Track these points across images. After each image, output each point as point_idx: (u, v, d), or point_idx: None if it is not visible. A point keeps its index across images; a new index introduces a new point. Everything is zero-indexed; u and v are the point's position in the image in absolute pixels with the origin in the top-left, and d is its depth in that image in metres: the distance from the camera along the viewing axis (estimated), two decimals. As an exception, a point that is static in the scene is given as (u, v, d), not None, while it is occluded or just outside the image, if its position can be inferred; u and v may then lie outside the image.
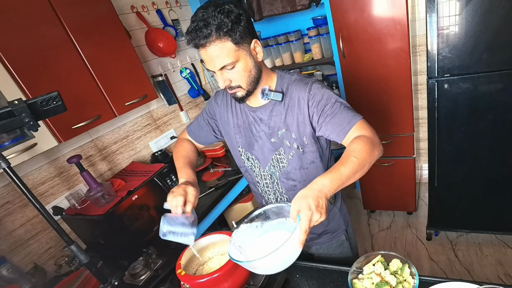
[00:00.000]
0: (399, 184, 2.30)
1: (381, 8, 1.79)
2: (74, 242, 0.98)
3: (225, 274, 0.83)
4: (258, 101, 1.01)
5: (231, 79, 0.90)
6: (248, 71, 0.90)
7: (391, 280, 0.82)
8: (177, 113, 2.24)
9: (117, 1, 1.74)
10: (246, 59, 0.89)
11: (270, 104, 1.00)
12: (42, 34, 1.23)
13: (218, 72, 0.89)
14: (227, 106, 1.12)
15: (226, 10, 0.82)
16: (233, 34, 0.83)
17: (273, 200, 1.16)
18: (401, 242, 2.31)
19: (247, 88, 0.93)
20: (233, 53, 0.85)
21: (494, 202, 1.88)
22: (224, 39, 0.83)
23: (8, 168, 0.85)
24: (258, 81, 0.95)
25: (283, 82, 1.00)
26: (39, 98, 0.86)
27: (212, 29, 0.81)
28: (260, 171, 1.12)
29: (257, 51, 0.91)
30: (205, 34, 0.81)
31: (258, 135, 1.05)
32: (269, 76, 1.00)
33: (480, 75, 1.56)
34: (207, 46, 0.83)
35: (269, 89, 0.98)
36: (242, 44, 0.86)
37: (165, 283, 1.13)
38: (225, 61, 0.85)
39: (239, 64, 0.88)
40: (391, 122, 2.12)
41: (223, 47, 0.83)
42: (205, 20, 0.81)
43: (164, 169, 1.67)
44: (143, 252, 1.33)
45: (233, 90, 0.93)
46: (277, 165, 1.06)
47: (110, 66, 1.48)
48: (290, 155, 1.03)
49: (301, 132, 0.98)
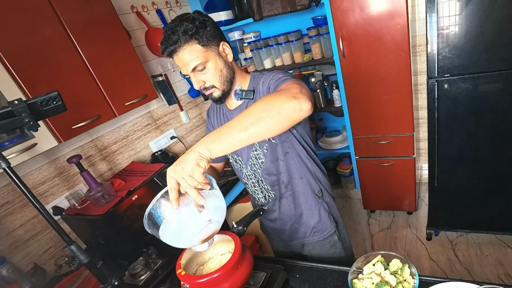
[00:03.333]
0: (399, 184, 2.30)
1: (381, 8, 1.79)
2: (74, 242, 0.98)
3: (225, 274, 0.83)
4: (234, 103, 1.07)
5: (204, 80, 0.95)
6: (219, 70, 0.95)
7: (391, 280, 0.82)
8: (177, 113, 2.24)
9: (117, 1, 1.74)
10: (216, 59, 0.94)
11: (244, 104, 1.05)
12: (42, 34, 1.23)
13: (191, 74, 0.94)
14: (214, 115, 1.18)
15: (190, 18, 0.90)
16: (199, 37, 0.90)
17: (263, 200, 1.18)
18: (401, 242, 2.31)
19: (222, 88, 0.98)
20: (202, 54, 0.91)
21: (494, 202, 1.88)
22: (191, 42, 0.89)
23: (8, 168, 0.85)
24: (231, 81, 1.00)
25: (255, 81, 1.04)
26: (39, 98, 0.86)
27: (179, 35, 0.88)
28: (245, 172, 1.14)
29: (226, 52, 0.97)
30: (173, 40, 0.88)
31: None
32: (243, 77, 1.05)
33: (480, 75, 1.56)
34: (178, 52, 0.90)
35: (240, 89, 1.03)
36: (209, 46, 0.92)
37: (165, 283, 1.13)
38: (195, 62, 0.91)
39: (209, 64, 0.93)
40: (391, 122, 2.12)
41: (192, 49, 0.90)
42: (172, 29, 0.89)
43: (164, 169, 1.67)
44: (143, 252, 1.33)
45: (208, 90, 0.98)
46: (257, 162, 1.09)
47: (110, 66, 1.48)
48: (265, 149, 1.05)
49: None
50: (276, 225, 1.22)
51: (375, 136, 2.20)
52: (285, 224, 1.20)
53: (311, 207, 1.15)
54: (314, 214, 1.15)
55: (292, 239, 1.23)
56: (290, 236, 1.22)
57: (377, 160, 2.28)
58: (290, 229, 1.20)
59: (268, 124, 0.72)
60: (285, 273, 1.01)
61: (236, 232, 0.99)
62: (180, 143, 2.24)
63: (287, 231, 1.21)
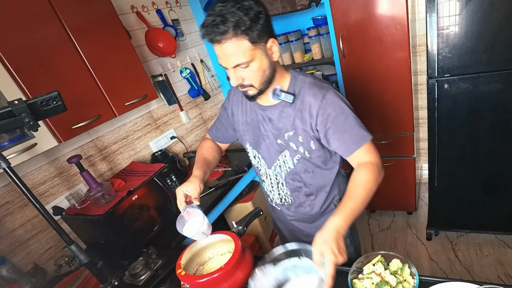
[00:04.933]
0: (399, 184, 2.30)
1: (381, 8, 1.79)
2: (74, 242, 0.98)
3: (225, 274, 0.83)
4: (268, 100, 0.99)
5: (244, 78, 0.88)
6: (262, 71, 0.88)
7: (391, 280, 0.82)
8: (177, 113, 2.24)
9: (117, 1, 1.74)
10: (262, 58, 0.86)
11: (280, 105, 0.98)
12: (42, 34, 1.23)
13: (232, 69, 0.86)
14: (237, 103, 1.11)
15: (245, 7, 0.78)
16: (251, 32, 0.80)
17: (278, 201, 1.16)
18: (401, 242, 2.31)
19: (259, 88, 0.91)
20: (249, 52, 0.82)
21: (494, 202, 1.88)
22: (241, 37, 0.80)
23: (8, 168, 0.85)
24: (271, 81, 0.92)
25: (296, 83, 0.97)
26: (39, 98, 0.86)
27: (229, 26, 0.78)
28: (265, 171, 1.11)
29: (273, 50, 0.88)
30: (221, 30, 0.78)
31: (266, 134, 1.04)
32: (282, 75, 0.97)
33: (480, 75, 1.56)
34: (223, 43, 0.80)
35: (280, 89, 0.95)
36: (258, 43, 0.83)
37: (165, 283, 1.13)
38: (240, 59, 0.83)
39: (254, 64, 0.85)
40: (391, 122, 2.12)
41: (239, 45, 0.81)
42: (223, 16, 0.78)
43: (164, 169, 1.67)
44: (143, 252, 1.33)
45: (244, 88, 0.91)
46: (283, 166, 1.05)
47: (110, 66, 1.47)
48: (296, 159, 1.01)
49: (308, 137, 0.97)
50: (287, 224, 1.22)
51: (375, 136, 2.17)
52: (296, 227, 1.19)
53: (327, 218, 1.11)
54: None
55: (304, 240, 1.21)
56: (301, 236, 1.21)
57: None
58: (301, 231, 1.20)
59: (371, 198, 0.88)
60: (285, 273, 1.01)
61: (236, 232, 0.99)
62: (180, 143, 2.24)
63: (297, 231, 1.21)
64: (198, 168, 1.08)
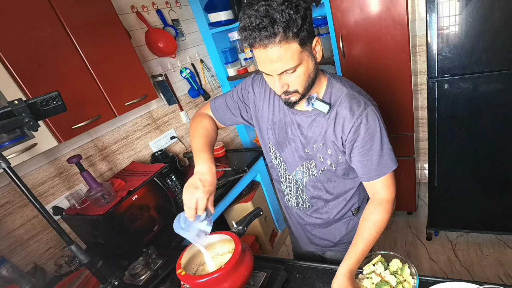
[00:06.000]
0: (399, 184, 2.27)
1: (381, 8, 1.79)
2: (74, 242, 0.98)
3: (225, 274, 0.83)
4: (301, 104, 0.90)
5: (289, 83, 0.79)
6: (307, 74, 0.80)
7: (391, 280, 0.82)
8: (177, 113, 2.24)
9: (117, 1, 1.74)
10: (308, 61, 0.78)
11: (313, 113, 0.91)
12: (42, 34, 1.23)
13: (276, 76, 0.77)
14: (264, 97, 1.01)
15: (294, 4, 0.68)
16: (301, 33, 0.70)
17: (294, 204, 1.13)
18: (401, 242, 2.31)
19: (303, 93, 0.83)
20: (297, 55, 0.73)
21: (494, 202, 1.88)
22: (291, 40, 0.70)
23: (8, 168, 0.85)
24: (314, 83, 0.84)
25: (332, 92, 0.90)
26: (39, 98, 0.86)
27: (279, 29, 0.68)
28: (285, 174, 1.07)
29: (317, 50, 0.80)
30: (270, 33, 0.68)
31: (293, 139, 0.98)
32: (319, 79, 0.88)
33: (480, 75, 1.56)
34: (269, 47, 0.70)
35: (317, 97, 0.88)
36: (306, 44, 0.74)
37: (165, 283, 1.13)
38: (288, 65, 0.74)
39: (301, 68, 0.77)
40: (391, 122, 2.12)
41: (288, 49, 0.71)
42: (270, 16, 0.67)
43: (164, 169, 1.67)
44: (143, 252, 1.33)
45: (288, 95, 0.82)
46: (307, 172, 1.01)
47: (110, 66, 1.47)
48: (321, 170, 0.98)
49: (337, 150, 0.92)
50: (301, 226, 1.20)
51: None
52: (309, 230, 1.18)
53: (342, 223, 1.11)
54: (343, 228, 1.12)
55: (316, 242, 1.20)
56: (314, 238, 1.19)
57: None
58: (313, 235, 1.18)
59: None
60: (285, 273, 1.01)
61: (236, 232, 0.99)
62: (180, 143, 2.24)
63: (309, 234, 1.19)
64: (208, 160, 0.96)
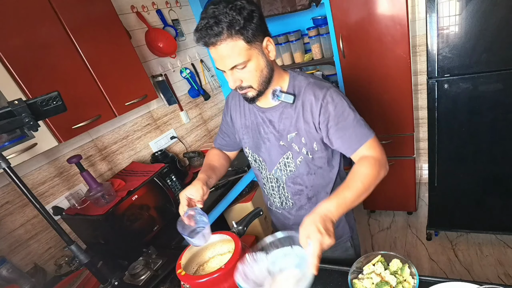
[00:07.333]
0: (399, 184, 2.30)
1: (381, 8, 1.79)
2: (74, 242, 0.98)
3: (225, 274, 0.83)
4: (268, 101, 0.98)
5: (242, 79, 0.87)
6: (259, 70, 0.86)
7: (391, 280, 0.82)
8: (177, 113, 2.24)
9: (117, 1, 1.73)
10: (258, 58, 0.85)
11: (281, 106, 0.97)
12: (42, 34, 1.23)
13: (229, 71, 0.85)
14: (235, 107, 1.10)
15: (238, 6, 0.78)
16: (245, 32, 0.79)
17: (278, 204, 1.14)
18: (401, 242, 2.31)
19: (258, 88, 0.89)
20: (245, 52, 0.81)
21: (494, 202, 1.88)
22: (236, 37, 0.79)
23: (8, 168, 0.85)
24: (269, 81, 0.91)
25: (295, 84, 0.96)
26: (39, 98, 0.86)
27: (223, 27, 0.77)
28: (266, 173, 1.10)
29: (269, 49, 0.87)
30: (216, 32, 0.77)
31: (266, 137, 1.03)
32: (281, 76, 0.96)
33: (480, 75, 1.56)
34: (218, 45, 0.79)
35: (280, 90, 0.94)
36: (254, 42, 0.82)
37: (165, 283, 1.14)
38: (236, 60, 0.82)
39: (251, 64, 0.84)
40: (391, 122, 2.12)
41: (235, 46, 0.80)
42: (216, 17, 0.77)
43: (164, 169, 1.67)
44: (143, 252, 1.33)
45: (243, 90, 0.89)
46: (284, 169, 1.04)
47: (110, 66, 1.47)
48: (299, 160, 1.00)
49: (311, 138, 0.96)
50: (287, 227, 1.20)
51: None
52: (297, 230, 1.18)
53: None
54: None
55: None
56: None
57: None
58: None
59: (370, 193, 0.87)
60: (285, 273, 1.01)
61: (236, 232, 0.99)
62: (180, 143, 2.24)
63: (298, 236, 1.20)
64: (202, 172, 1.06)
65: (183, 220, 0.94)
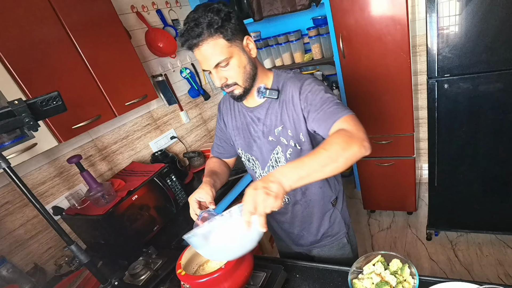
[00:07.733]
0: (399, 184, 2.30)
1: (381, 8, 1.79)
2: (74, 242, 0.98)
3: (225, 274, 0.83)
4: (254, 100, 1.02)
5: (227, 77, 0.91)
6: (242, 67, 0.91)
7: (391, 280, 0.82)
8: (177, 113, 2.24)
9: (117, 1, 1.74)
10: (240, 55, 0.89)
11: (267, 103, 1.00)
12: (42, 34, 1.23)
13: (213, 70, 0.89)
14: (227, 111, 1.13)
15: (215, 9, 0.84)
16: (224, 31, 0.84)
17: None
18: (401, 242, 2.31)
19: (244, 85, 0.93)
20: (226, 49, 0.86)
21: (494, 202, 1.88)
22: (216, 36, 0.84)
23: (8, 168, 0.85)
24: (254, 78, 0.95)
25: (279, 80, 1.00)
26: (39, 98, 0.86)
27: (203, 27, 0.82)
28: (260, 172, 1.11)
29: (250, 47, 0.92)
30: (197, 33, 0.83)
31: (256, 135, 1.05)
32: (265, 74, 1.00)
33: (480, 75, 1.56)
34: (200, 46, 0.85)
35: (264, 87, 0.98)
36: (234, 40, 0.87)
37: (165, 283, 1.13)
38: (219, 58, 0.86)
39: (233, 60, 0.88)
40: (391, 122, 2.12)
41: (216, 44, 0.85)
42: (195, 20, 0.83)
43: (164, 169, 1.67)
44: (143, 252, 1.33)
45: (230, 88, 0.93)
46: (276, 165, 1.06)
47: (110, 66, 1.48)
48: (288, 154, 1.02)
49: (297, 129, 0.98)
50: (284, 226, 1.21)
51: (375, 136, 2.20)
52: (294, 228, 1.19)
53: (324, 215, 1.14)
54: (325, 221, 1.14)
55: (300, 242, 1.22)
56: (298, 238, 1.21)
57: (377, 160, 2.28)
58: (298, 234, 1.19)
59: (340, 167, 0.76)
60: (285, 273, 1.01)
61: (236, 232, 0.99)
62: (180, 143, 2.24)
63: (294, 234, 1.20)
64: (206, 177, 1.07)
65: (197, 224, 0.92)
